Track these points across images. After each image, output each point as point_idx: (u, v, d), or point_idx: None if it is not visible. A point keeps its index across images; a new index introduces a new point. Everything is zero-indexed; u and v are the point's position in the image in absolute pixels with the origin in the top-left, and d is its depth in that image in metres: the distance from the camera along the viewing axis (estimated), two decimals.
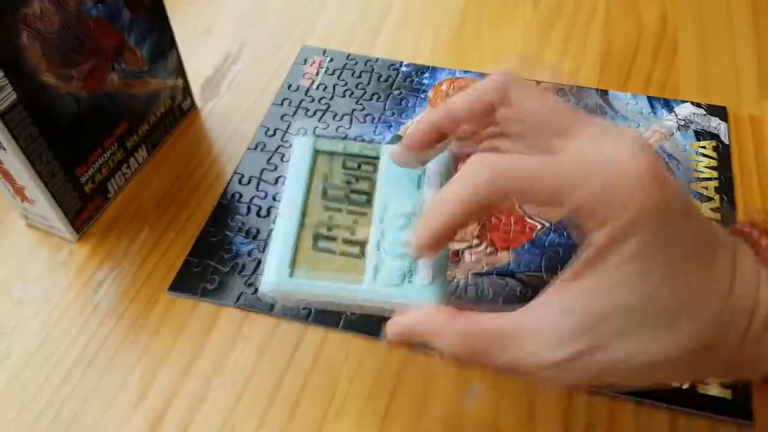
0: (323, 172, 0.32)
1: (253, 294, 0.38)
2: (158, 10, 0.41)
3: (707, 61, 0.51)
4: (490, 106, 0.28)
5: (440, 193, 0.26)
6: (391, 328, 0.27)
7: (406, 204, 0.31)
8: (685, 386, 0.34)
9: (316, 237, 0.30)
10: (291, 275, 0.29)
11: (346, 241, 0.30)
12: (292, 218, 0.30)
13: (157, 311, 0.38)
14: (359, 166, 0.32)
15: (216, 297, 0.38)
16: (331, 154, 0.32)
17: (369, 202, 0.31)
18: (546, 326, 0.24)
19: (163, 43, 0.42)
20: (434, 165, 0.32)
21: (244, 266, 0.40)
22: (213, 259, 0.40)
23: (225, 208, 0.42)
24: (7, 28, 0.31)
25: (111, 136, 0.40)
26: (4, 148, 0.34)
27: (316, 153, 0.32)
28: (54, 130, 0.36)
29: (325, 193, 0.31)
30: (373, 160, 0.32)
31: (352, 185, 0.32)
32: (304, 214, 0.30)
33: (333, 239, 0.30)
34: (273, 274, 0.29)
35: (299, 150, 0.32)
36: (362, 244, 0.30)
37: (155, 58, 0.42)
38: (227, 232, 0.41)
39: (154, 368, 0.36)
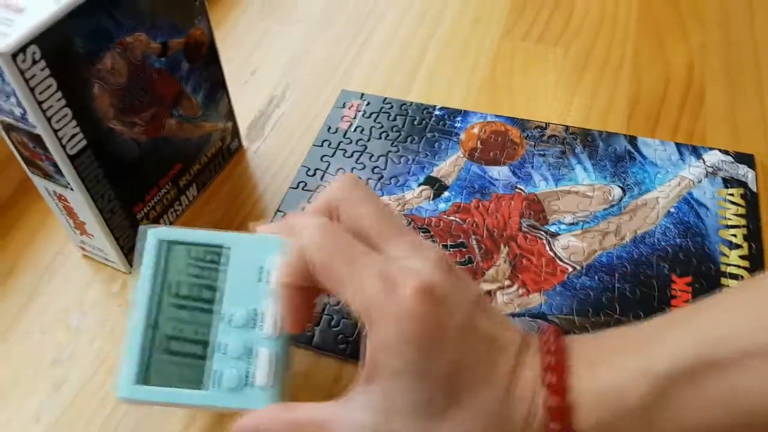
0: (171, 264, 0.32)
1: None
2: (213, 60, 0.44)
3: (734, 109, 0.53)
4: (329, 211, 0.31)
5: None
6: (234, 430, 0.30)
7: (248, 301, 0.31)
8: None
9: (165, 339, 0.31)
10: (142, 382, 0.30)
11: (194, 342, 0.31)
12: (140, 320, 0.31)
13: None
14: (207, 256, 0.32)
15: None
16: (179, 243, 0.32)
17: (213, 299, 0.31)
18: (351, 418, 0.28)
19: (216, 90, 0.45)
20: (274, 258, 0.31)
21: None
22: None
23: None
24: (81, 81, 0.34)
25: (166, 176, 0.43)
26: (72, 189, 0.37)
27: (164, 243, 0.32)
28: (116, 172, 0.39)
29: (171, 288, 0.32)
30: (220, 249, 0.32)
31: (200, 279, 0.32)
32: (153, 315, 0.31)
33: (182, 341, 0.31)
34: (125, 382, 0.30)
35: (149, 241, 0.32)
36: (206, 345, 0.31)
37: (208, 103, 0.45)
38: None
39: None
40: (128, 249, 0.42)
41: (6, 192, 0.48)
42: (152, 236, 0.32)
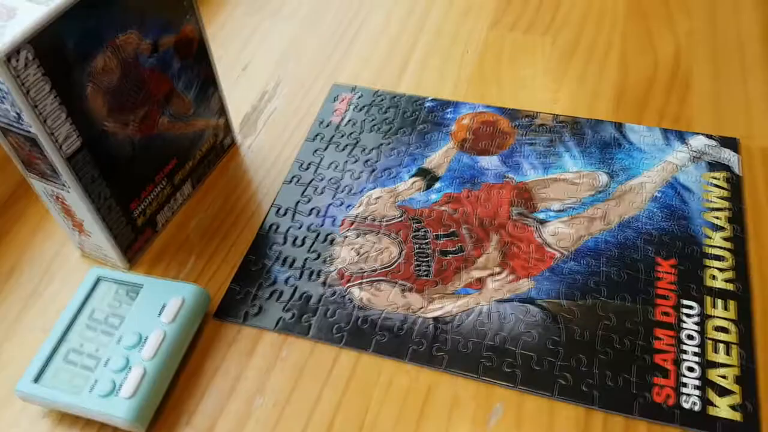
0: (96, 294, 0.40)
1: (291, 319, 0.41)
2: (204, 57, 0.44)
3: (720, 95, 0.53)
4: None
5: None
6: None
7: (141, 328, 0.38)
8: (696, 408, 0.36)
9: (69, 352, 0.38)
10: (36, 382, 0.37)
11: (90, 356, 0.37)
12: (54, 335, 0.38)
13: (206, 335, 0.41)
14: (127, 293, 0.40)
15: (257, 321, 0.41)
16: (110, 280, 0.41)
17: (118, 326, 0.39)
18: None
19: (208, 87, 0.46)
20: (175, 299, 0.39)
21: (282, 293, 0.43)
22: (254, 287, 0.43)
23: (264, 239, 0.46)
24: (75, 82, 0.35)
25: (161, 173, 0.44)
26: (69, 189, 0.38)
27: (98, 278, 0.41)
28: (112, 171, 0.40)
29: (88, 312, 0.39)
30: (138, 288, 0.40)
31: (114, 309, 0.40)
32: (66, 332, 0.38)
33: (80, 354, 0.38)
34: (23, 380, 0.37)
35: (88, 276, 0.41)
36: (98, 360, 0.37)
37: (200, 100, 0.46)
38: (266, 261, 0.44)
39: (203, 388, 0.39)
40: (126, 246, 0.43)
41: (3, 194, 0.48)
42: (92, 273, 0.41)
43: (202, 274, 0.44)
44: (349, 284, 0.43)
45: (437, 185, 0.48)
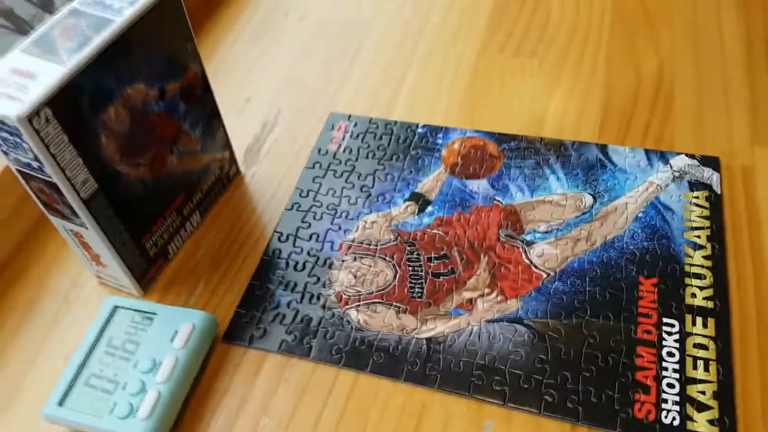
0: (114, 322, 0.43)
1: (293, 341, 0.44)
2: (208, 97, 0.47)
3: (702, 112, 0.55)
4: None
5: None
6: None
7: (155, 353, 0.41)
8: (676, 423, 0.38)
9: (90, 377, 0.41)
10: (60, 405, 0.40)
11: (109, 381, 0.41)
12: (76, 361, 0.42)
13: (215, 358, 0.44)
14: (142, 320, 0.43)
15: (262, 344, 0.44)
16: (125, 309, 0.44)
17: (134, 351, 0.42)
18: None
19: (213, 123, 0.49)
20: (186, 326, 0.42)
21: (284, 316, 0.46)
22: (258, 310, 0.46)
23: (267, 264, 0.49)
24: (89, 133, 0.38)
25: (170, 207, 0.47)
26: (87, 227, 0.41)
27: (114, 307, 0.44)
28: (125, 209, 0.43)
29: (107, 339, 0.43)
30: (152, 315, 0.43)
31: (130, 336, 0.43)
32: (87, 358, 0.42)
33: (100, 378, 0.41)
34: (49, 403, 0.40)
35: (105, 304, 0.44)
36: (116, 384, 0.41)
37: (206, 136, 0.49)
38: (269, 285, 0.47)
39: (213, 408, 0.42)
40: (140, 275, 0.46)
41: (24, 229, 0.52)
42: (109, 302, 0.44)
43: (211, 298, 0.47)
44: (347, 307, 0.45)
45: (429, 209, 0.51)
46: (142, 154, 0.42)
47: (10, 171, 0.39)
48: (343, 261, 0.48)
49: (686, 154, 0.52)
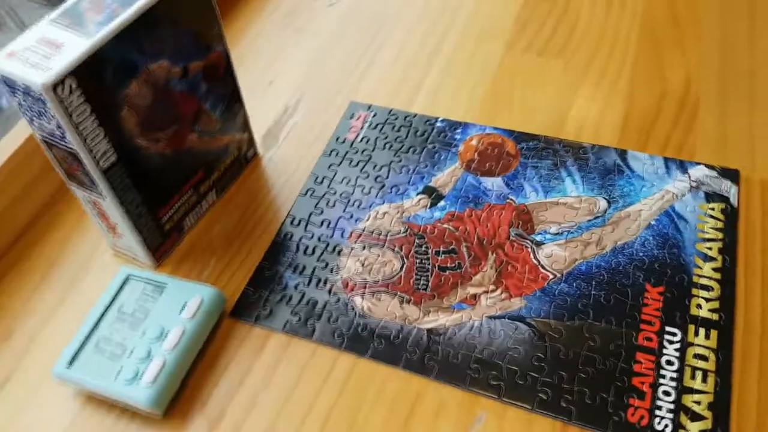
0: (126, 290, 0.45)
1: (297, 322, 0.45)
2: (230, 78, 0.48)
3: (726, 124, 0.55)
4: None
5: None
6: None
7: (164, 323, 0.43)
8: (668, 430, 0.38)
9: (99, 341, 0.42)
10: (69, 366, 0.41)
11: (117, 346, 0.42)
12: (87, 325, 0.43)
13: (221, 332, 0.45)
14: (153, 290, 0.45)
15: (267, 322, 0.45)
16: (138, 278, 0.45)
17: (144, 319, 0.43)
18: None
19: (233, 105, 0.50)
20: (195, 299, 0.44)
21: (291, 298, 0.46)
22: (266, 291, 0.47)
23: (278, 246, 0.50)
24: (112, 105, 0.39)
25: (188, 184, 0.48)
26: (104, 197, 0.42)
27: (127, 276, 0.45)
28: (143, 181, 0.44)
29: (119, 305, 0.44)
30: (163, 286, 0.45)
31: (141, 304, 0.44)
32: (98, 323, 0.43)
33: (109, 343, 0.42)
34: (59, 364, 0.41)
35: (119, 273, 0.46)
36: (124, 349, 0.42)
37: (226, 118, 0.50)
38: (279, 267, 0.48)
39: (216, 379, 0.43)
40: (154, 248, 0.48)
41: (47, 195, 0.53)
42: (123, 271, 0.46)
43: (221, 275, 0.49)
44: (352, 293, 0.46)
45: (441, 203, 0.51)
46: (162, 130, 0.44)
47: (34, 139, 0.41)
48: (352, 249, 0.49)
49: (706, 165, 0.51)
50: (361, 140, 0.56)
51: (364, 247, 0.49)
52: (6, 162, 0.48)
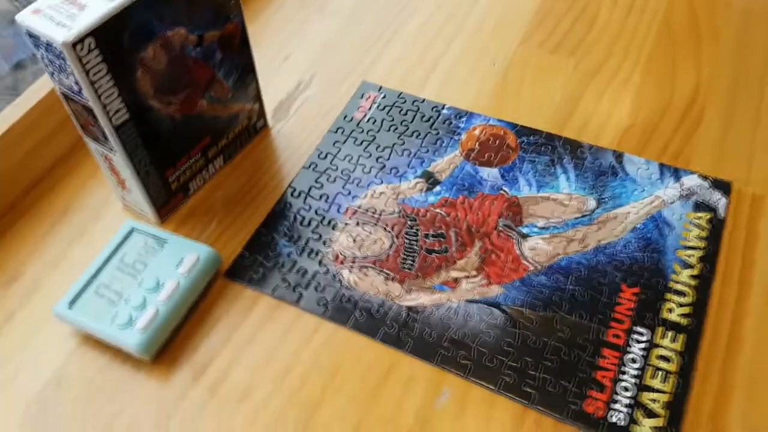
0: (129, 242, 0.48)
1: (286, 288, 0.48)
2: (245, 50, 0.51)
3: (727, 136, 0.55)
4: None
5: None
6: None
7: (160, 275, 0.46)
8: (621, 423, 0.40)
9: (99, 286, 0.45)
10: (69, 307, 0.44)
11: (115, 293, 0.45)
12: (90, 271, 0.46)
13: (215, 290, 0.48)
14: (154, 244, 0.47)
15: (258, 286, 0.48)
16: (141, 232, 0.48)
17: (143, 270, 0.46)
18: None
19: (246, 76, 0.52)
20: (192, 256, 0.46)
21: (283, 264, 0.49)
22: (261, 255, 0.50)
23: (277, 215, 0.52)
24: (127, 66, 0.41)
25: (196, 147, 0.51)
26: (115, 152, 0.45)
27: (132, 230, 0.48)
28: (153, 141, 0.46)
29: (120, 255, 0.47)
30: (164, 242, 0.47)
31: (141, 256, 0.47)
32: (100, 269, 0.46)
33: (108, 289, 0.45)
34: (60, 304, 0.45)
35: (123, 226, 0.49)
36: (121, 296, 0.45)
37: (238, 87, 0.52)
38: (275, 235, 0.51)
39: (205, 332, 0.46)
40: (160, 205, 0.50)
41: (66, 145, 0.57)
42: (128, 224, 0.49)
43: (220, 237, 0.51)
44: (341, 266, 0.48)
45: (437, 189, 0.53)
46: (174, 93, 0.46)
47: (55, 93, 0.43)
48: (346, 224, 0.51)
49: (699, 175, 0.52)
50: (368, 120, 0.58)
51: (357, 224, 0.51)
52: (28, 112, 0.51)
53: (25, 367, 0.45)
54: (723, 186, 0.51)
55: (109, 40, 0.39)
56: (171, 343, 0.45)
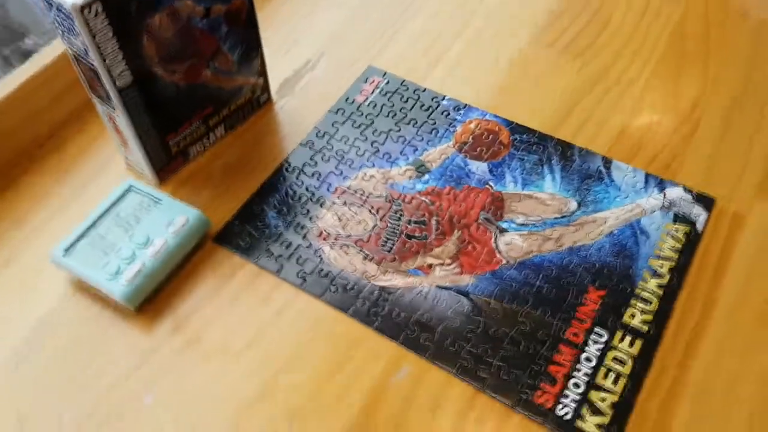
0: (126, 199, 0.50)
1: (269, 258, 0.50)
2: (251, 25, 0.52)
3: (719, 152, 0.55)
4: None
5: None
6: None
7: (151, 232, 0.48)
8: (567, 417, 0.41)
9: (94, 237, 0.48)
10: (65, 255, 0.47)
11: (108, 244, 0.48)
12: (87, 222, 0.49)
13: (203, 253, 0.51)
14: (149, 203, 0.50)
15: (243, 253, 0.50)
16: (138, 190, 0.51)
17: (135, 226, 0.49)
18: None
19: (251, 51, 0.54)
20: (182, 217, 0.49)
21: (269, 235, 0.51)
22: (249, 225, 0.52)
23: (269, 187, 0.54)
24: (133, 33, 0.44)
25: (198, 116, 0.53)
26: (118, 113, 0.48)
27: (129, 187, 0.51)
28: (155, 106, 0.49)
29: (117, 210, 0.50)
30: (158, 202, 0.50)
31: (135, 213, 0.50)
32: (96, 221, 0.49)
33: (102, 240, 0.48)
34: (56, 250, 0.48)
35: (122, 184, 0.51)
36: (113, 247, 0.48)
37: (243, 61, 0.54)
38: (265, 206, 0.53)
39: (188, 290, 0.49)
40: (159, 168, 0.53)
41: (79, 103, 0.59)
42: (127, 182, 0.51)
43: (213, 203, 0.54)
44: (323, 242, 0.51)
45: (425, 177, 0.54)
46: (179, 62, 0.48)
47: (67, 55, 0.46)
48: (333, 203, 0.53)
49: (684, 187, 0.53)
50: (369, 104, 0.60)
51: (344, 204, 0.53)
52: (41, 70, 0.54)
53: (20, 307, 0.48)
54: (706, 201, 0.52)
55: (116, 6, 0.41)
56: (156, 296, 0.48)
